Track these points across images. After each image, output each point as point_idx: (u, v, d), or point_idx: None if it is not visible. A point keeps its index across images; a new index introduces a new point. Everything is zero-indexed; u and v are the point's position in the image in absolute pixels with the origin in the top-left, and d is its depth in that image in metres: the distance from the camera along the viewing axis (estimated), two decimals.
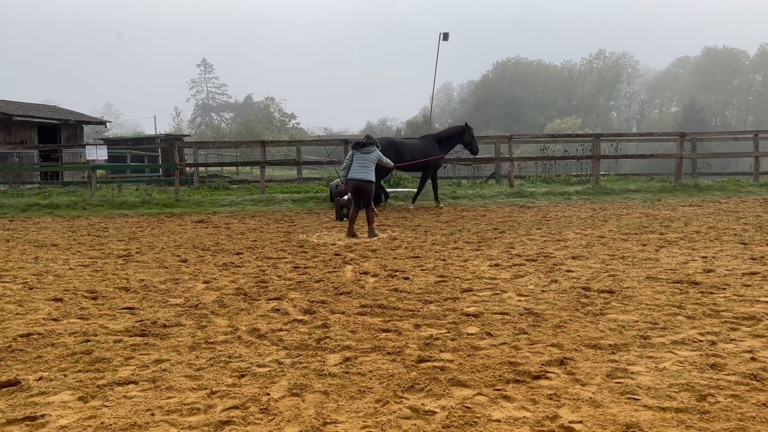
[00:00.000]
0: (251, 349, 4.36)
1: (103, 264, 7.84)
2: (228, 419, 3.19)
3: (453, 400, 3.37)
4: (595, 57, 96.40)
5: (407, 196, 16.36)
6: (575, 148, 25.76)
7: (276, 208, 15.27)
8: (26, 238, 10.62)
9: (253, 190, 19.12)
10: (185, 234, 10.76)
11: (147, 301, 5.83)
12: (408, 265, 7.37)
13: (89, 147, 18.27)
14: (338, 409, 3.31)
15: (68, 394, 3.58)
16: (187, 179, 22.58)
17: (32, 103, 32.30)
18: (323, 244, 9.28)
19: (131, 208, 15.54)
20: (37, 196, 17.99)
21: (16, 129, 26.29)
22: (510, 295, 5.77)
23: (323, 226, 11.56)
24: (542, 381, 3.63)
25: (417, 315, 5.15)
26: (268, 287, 6.33)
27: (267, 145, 19.47)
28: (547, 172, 20.78)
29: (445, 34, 19.08)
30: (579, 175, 20.31)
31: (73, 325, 5.01)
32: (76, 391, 3.61)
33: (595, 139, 18.97)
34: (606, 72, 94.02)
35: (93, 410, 3.34)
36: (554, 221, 11.42)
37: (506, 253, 8.01)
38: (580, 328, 4.65)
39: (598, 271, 6.76)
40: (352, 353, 4.21)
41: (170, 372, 3.90)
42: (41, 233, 11.26)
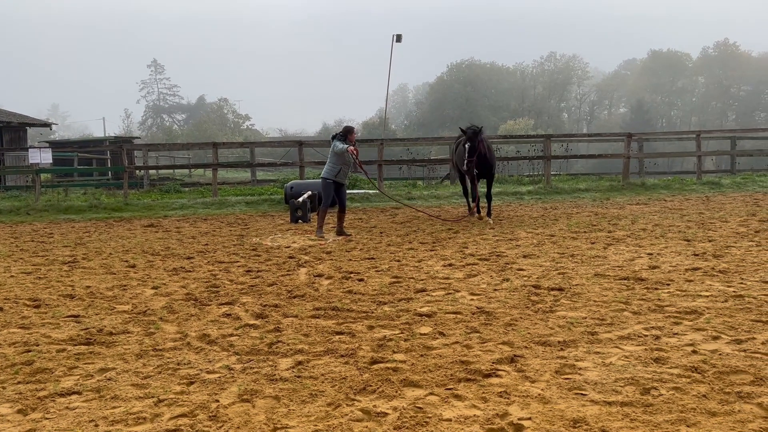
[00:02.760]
0: (201, 355, 4.28)
1: (47, 271, 7.57)
2: (175, 428, 3.12)
3: (405, 401, 3.38)
4: (546, 59, 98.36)
5: (362, 197, 16.35)
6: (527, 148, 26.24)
7: (229, 211, 15.04)
8: None
9: (206, 193, 18.80)
10: (134, 239, 10.49)
11: (93, 308, 5.65)
12: (363, 267, 7.36)
13: (32, 150, 17.64)
14: (289, 413, 3.27)
15: (6, 407, 3.44)
16: (136, 182, 22.02)
17: None
18: (277, 247, 9.18)
19: (78, 212, 15.06)
20: None
21: None
22: (463, 294, 5.82)
23: (278, 229, 11.45)
24: (493, 379, 3.67)
25: (371, 316, 5.15)
26: (219, 292, 6.22)
27: (219, 146, 19.19)
28: (500, 172, 21.07)
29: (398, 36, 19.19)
30: (531, 175, 20.69)
31: (13, 335, 4.82)
32: (15, 403, 3.48)
33: (545, 139, 19.36)
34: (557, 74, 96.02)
35: (33, 423, 3.22)
36: (507, 221, 11.59)
37: (460, 253, 8.08)
38: (530, 326, 4.73)
39: (548, 269, 6.89)
40: (304, 357, 4.18)
41: (116, 381, 3.79)
42: None
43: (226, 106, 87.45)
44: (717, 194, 15.98)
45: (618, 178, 19.38)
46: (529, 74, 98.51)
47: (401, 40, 18.98)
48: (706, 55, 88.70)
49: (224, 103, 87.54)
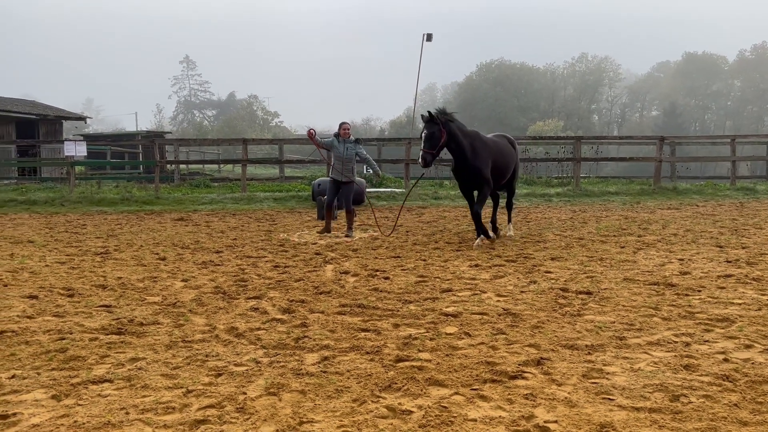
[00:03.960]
0: (229, 348, 4.34)
1: (81, 261, 7.75)
2: (203, 418, 3.16)
3: (430, 400, 3.38)
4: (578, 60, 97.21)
5: (389, 196, 16.37)
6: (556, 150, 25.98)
7: (257, 206, 15.19)
8: (2, 234, 10.45)
9: (235, 188, 19.01)
10: (164, 232, 10.67)
11: (124, 299, 5.77)
12: (388, 265, 7.38)
13: (68, 143, 18.03)
14: (315, 408, 3.30)
15: (41, 392, 3.53)
16: (167, 177, 22.37)
17: (10, 98, 31.78)
18: (304, 243, 9.25)
19: (110, 205, 15.36)
20: (14, 192, 17.70)
21: None
22: (489, 295, 5.80)
23: (305, 225, 11.53)
24: (519, 381, 3.65)
25: (396, 315, 5.16)
26: (247, 286, 6.29)
27: (249, 143, 19.36)
28: (529, 173, 20.92)
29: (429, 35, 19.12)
30: (560, 177, 20.48)
31: (48, 323, 4.94)
32: (50, 389, 3.57)
33: (576, 141, 19.15)
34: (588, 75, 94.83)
35: (66, 409, 3.30)
36: (534, 222, 11.50)
37: (486, 254, 8.05)
38: (557, 329, 4.69)
39: (576, 272, 6.82)
40: (330, 353, 4.20)
41: (146, 370, 3.86)
42: (17, 229, 11.09)
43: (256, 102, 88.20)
44: (751, 200, 15.63)
45: (649, 181, 19.09)
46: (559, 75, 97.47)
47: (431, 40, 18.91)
48: (743, 58, 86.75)
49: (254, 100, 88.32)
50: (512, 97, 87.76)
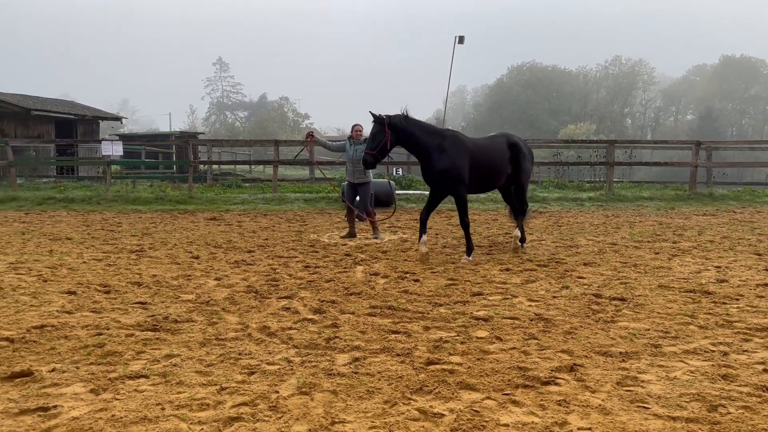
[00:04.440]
0: (261, 346, 4.38)
1: (117, 258, 7.91)
2: (237, 416, 3.21)
3: (461, 404, 3.37)
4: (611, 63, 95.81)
5: (418, 198, 16.35)
6: (589, 154, 25.62)
7: (288, 207, 15.32)
8: (41, 231, 10.74)
9: (266, 188, 19.19)
10: (198, 231, 10.83)
11: (159, 296, 5.87)
12: (418, 267, 7.37)
13: (105, 142, 18.42)
14: (346, 408, 3.32)
15: (80, 386, 3.62)
16: (200, 176, 22.70)
17: (50, 98, 32.62)
18: (334, 244, 9.30)
19: (145, 203, 15.65)
20: (53, 190, 18.16)
21: (33, 123, 26.56)
22: (520, 300, 5.75)
23: (334, 227, 11.59)
24: (551, 387, 3.62)
25: (426, 317, 5.16)
26: (278, 286, 6.35)
27: (280, 144, 19.54)
28: (560, 177, 20.67)
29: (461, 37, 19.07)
30: (592, 181, 20.18)
31: (86, 319, 5.06)
32: (88, 383, 3.65)
33: (609, 145, 18.87)
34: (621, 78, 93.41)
35: (104, 403, 3.37)
36: (566, 227, 11.37)
37: (517, 258, 7.99)
38: (590, 335, 4.64)
39: (609, 278, 6.73)
40: (361, 353, 4.22)
41: (181, 367, 3.93)
42: (56, 227, 11.37)
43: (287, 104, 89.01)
44: None
45: (684, 187, 18.71)
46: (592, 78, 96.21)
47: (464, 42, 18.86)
48: None
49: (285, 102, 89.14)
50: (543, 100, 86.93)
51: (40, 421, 3.16)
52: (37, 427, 3.09)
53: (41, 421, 3.16)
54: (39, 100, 29.06)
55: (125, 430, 3.05)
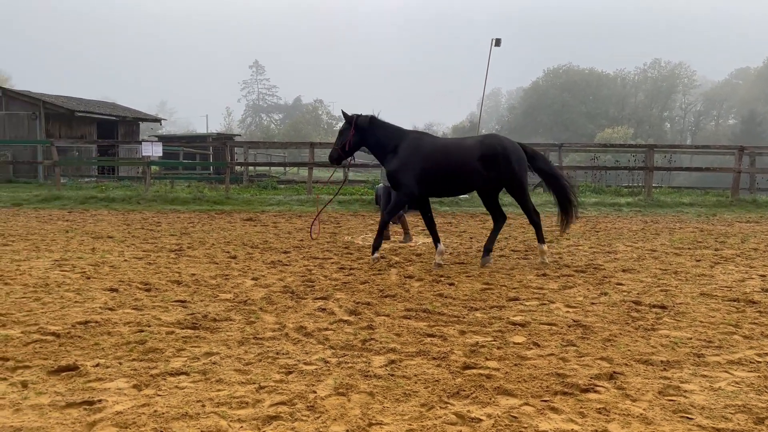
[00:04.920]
0: (298, 346, 4.42)
1: (156, 257, 8.08)
2: (276, 414, 3.24)
3: (499, 409, 3.34)
4: (650, 66, 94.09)
5: (452, 202, 16.30)
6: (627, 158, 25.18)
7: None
8: (84, 229, 11.03)
9: (300, 190, 19.36)
10: (234, 231, 10.99)
11: (198, 295, 5.98)
12: (453, 271, 7.35)
13: (145, 143, 18.85)
14: (383, 410, 3.32)
15: (123, 381, 3.70)
16: (236, 178, 23.03)
17: (92, 100, 33.52)
18: (368, 246, 9.33)
19: (183, 204, 15.94)
20: (95, 189, 18.64)
21: (77, 124, 27.31)
22: (558, 306, 5.68)
23: (368, 229, 11.62)
24: (591, 394, 3.56)
25: (462, 321, 5.13)
26: (314, 286, 6.40)
27: (315, 146, 19.69)
28: (597, 182, 20.37)
29: (497, 40, 18.92)
30: (630, 186, 19.84)
31: (128, 315, 5.18)
32: (131, 378, 3.74)
33: (648, 150, 18.53)
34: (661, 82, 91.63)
35: (147, 398, 3.45)
36: (604, 232, 11.19)
37: (554, 263, 7.89)
38: (630, 343, 4.55)
39: (649, 285, 6.60)
40: (397, 356, 4.22)
41: (220, 365, 3.99)
42: (98, 225, 11.67)
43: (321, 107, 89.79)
44: None
45: (726, 193, 18.25)
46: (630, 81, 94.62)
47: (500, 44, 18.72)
48: None
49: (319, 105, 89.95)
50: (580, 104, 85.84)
51: (85, 414, 3.25)
52: (83, 420, 3.18)
53: (87, 415, 3.24)
54: (82, 102, 29.88)
55: (167, 425, 3.11)
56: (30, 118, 25.57)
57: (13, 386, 3.61)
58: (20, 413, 3.24)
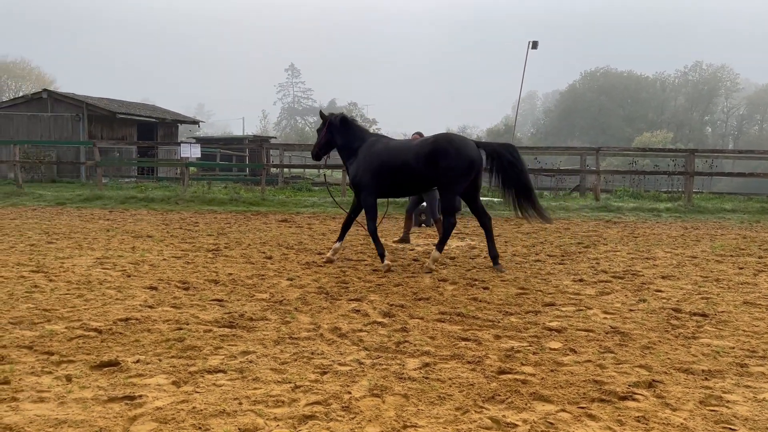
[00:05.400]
0: (333, 347, 4.45)
1: (194, 257, 8.22)
2: (311, 414, 3.27)
3: (535, 415, 3.31)
4: (691, 69, 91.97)
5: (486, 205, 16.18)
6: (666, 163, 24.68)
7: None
8: (124, 228, 11.29)
9: (334, 192, 19.46)
10: (270, 232, 11.12)
11: (235, 294, 6.07)
12: (487, 275, 7.30)
13: (184, 145, 19.21)
14: (418, 413, 3.32)
15: (163, 377, 3.78)
16: (272, 179, 23.29)
17: (133, 102, 34.30)
18: (402, 249, 9.33)
19: (220, 204, 16.20)
20: (134, 189, 19.07)
21: (118, 125, 27.99)
22: (595, 312, 5.60)
23: (401, 231, 11.61)
24: (629, 402, 3.50)
25: (497, 326, 5.10)
26: (348, 288, 6.44)
27: None
28: (636, 186, 19.99)
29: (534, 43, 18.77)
30: (670, 191, 19.42)
31: (167, 313, 5.29)
32: (170, 375, 3.81)
33: (689, 154, 18.12)
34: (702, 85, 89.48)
35: (185, 395, 3.51)
36: (642, 238, 10.98)
37: (591, 269, 7.77)
38: (670, 351, 4.46)
39: (690, 292, 6.45)
40: (431, 359, 4.22)
41: (256, 364, 4.04)
42: (138, 225, 11.94)
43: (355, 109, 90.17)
44: None
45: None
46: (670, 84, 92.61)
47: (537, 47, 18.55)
48: None
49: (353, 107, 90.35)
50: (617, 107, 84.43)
51: (126, 409, 3.32)
52: (125, 414, 3.25)
53: (128, 409, 3.32)
54: (124, 104, 30.60)
55: (205, 422, 3.16)
56: (74, 119, 26.30)
57: (58, 380, 3.72)
58: (65, 406, 3.34)
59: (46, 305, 5.46)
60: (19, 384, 3.63)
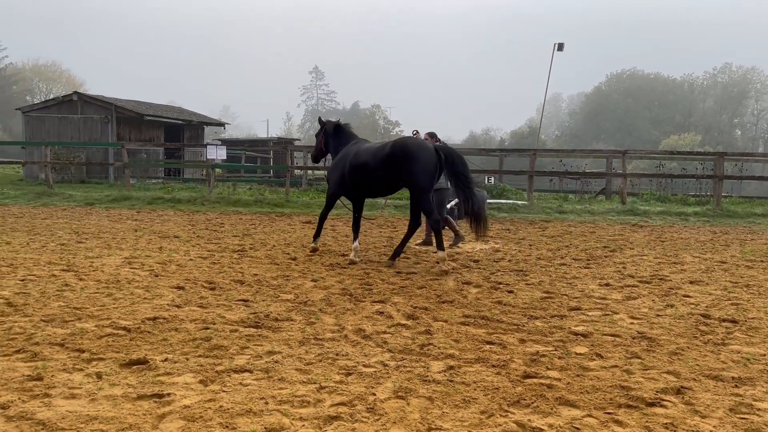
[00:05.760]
0: (357, 348, 4.47)
1: (220, 257, 8.32)
2: (336, 415, 3.29)
3: (561, 419, 3.29)
4: (720, 71, 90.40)
5: (510, 208, 16.10)
6: (694, 166, 24.28)
7: (378, 213, 15.51)
8: (152, 228, 11.46)
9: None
10: (294, 233, 11.19)
11: (260, 294, 6.12)
12: (512, 279, 7.26)
13: (210, 147, 19.43)
14: (443, 416, 3.32)
15: (190, 376, 3.83)
16: (296, 181, 23.42)
17: (160, 104, 34.78)
18: (425, 251, 9.33)
19: (245, 206, 16.35)
20: (161, 190, 19.34)
21: (145, 127, 28.42)
22: (621, 316, 5.54)
23: (425, 233, 11.59)
24: (657, 408, 3.46)
25: (522, 330, 5.07)
26: (372, 290, 6.45)
27: None
28: (663, 190, 19.70)
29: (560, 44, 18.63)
30: (698, 195, 19.10)
31: (194, 313, 5.36)
32: (197, 374, 3.87)
33: (718, 158, 17.80)
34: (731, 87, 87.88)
35: (212, 394, 3.56)
36: (670, 242, 10.82)
37: (618, 273, 7.69)
38: (699, 357, 4.39)
39: (719, 298, 6.34)
40: (455, 362, 4.21)
41: (282, 364, 4.08)
42: (165, 225, 12.11)
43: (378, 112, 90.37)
44: None
45: None
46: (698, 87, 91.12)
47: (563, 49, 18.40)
48: None
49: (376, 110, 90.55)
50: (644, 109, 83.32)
51: (155, 407, 3.38)
52: (153, 412, 3.31)
53: (157, 407, 3.37)
54: (151, 106, 31.05)
55: (232, 421, 3.20)
56: (103, 121, 26.77)
57: (89, 377, 3.80)
58: (95, 403, 3.41)
59: (77, 304, 5.57)
60: (51, 380, 3.72)
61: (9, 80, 74.75)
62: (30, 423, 3.15)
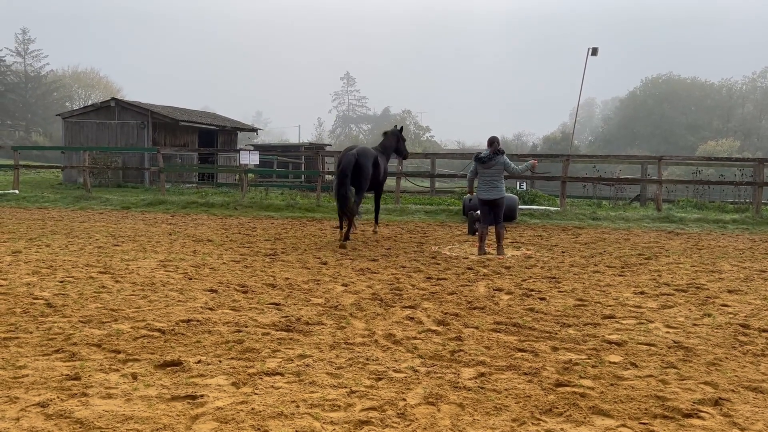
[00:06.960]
0: (387, 353, 4.47)
1: (252, 261, 8.41)
2: (367, 419, 3.29)
3: (594, 429, 3.24)
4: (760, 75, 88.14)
5: (543, 214, 15.93)
6: (732, 172, 23.69)
7: (409, 218, 15.50)
8: (186, 232, 11.66)
9: (387, 200, 19.53)
10: (325, 238, 11.26)
11: (291, 298, 6.18)
12: (544, 286, 7.18)
13: (243, 152, 19.69)
14: (474, 423, 3.30)
15: (223, 378, 3.88)
16: (327, 186, 23.55)
17: (194, 110, 35.39)
18: (455, 257, 9.29)
19: (277, 210, 16.50)
20: (195, 194, 19.64)
21: (180, 133, 28.93)
22: (657, 325, 5.43)
23: (455, 239, 11.57)
24: (694, 420, 3.38)
25: (554, 337, 5.01)
26: (402, 295, 6.45)
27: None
28: (700, 197, 19.25)
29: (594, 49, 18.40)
30: (736, 202, 18.61)
31: (227, 316, 5.43)
32: (230, 376, 3.92)
33: (757, 164, 17.33)
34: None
35: (245, 396, 3.60)
36: (707, 250, 10.57)
37: (653, 281, 7.54)
38: (737, 368, 4.28)
39: (759, 308, 6.17)
40: (486, 369, 4.18)
41: (313, 368, 4.11)
42: (198, 229, 12.30)
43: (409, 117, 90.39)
44: None
45: None
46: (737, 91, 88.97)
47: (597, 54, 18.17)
48: None
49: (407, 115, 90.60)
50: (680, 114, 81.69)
51: (189, 408, 3.43)
52: (187, 413, 3.36)
53: (190, 408, 3.42)
54: (186, 112, 31.60)
55: (263, 423, 3.23)
56: (139, 127, 27.34)
57: (125, 377, 3.88)
58: (131, 403, 3.48)
59: (113, 305, 5.70)
60: (88, 380, 3.80)
61: (50, 87, 76.85)
62: (68, 421, 3.23)
